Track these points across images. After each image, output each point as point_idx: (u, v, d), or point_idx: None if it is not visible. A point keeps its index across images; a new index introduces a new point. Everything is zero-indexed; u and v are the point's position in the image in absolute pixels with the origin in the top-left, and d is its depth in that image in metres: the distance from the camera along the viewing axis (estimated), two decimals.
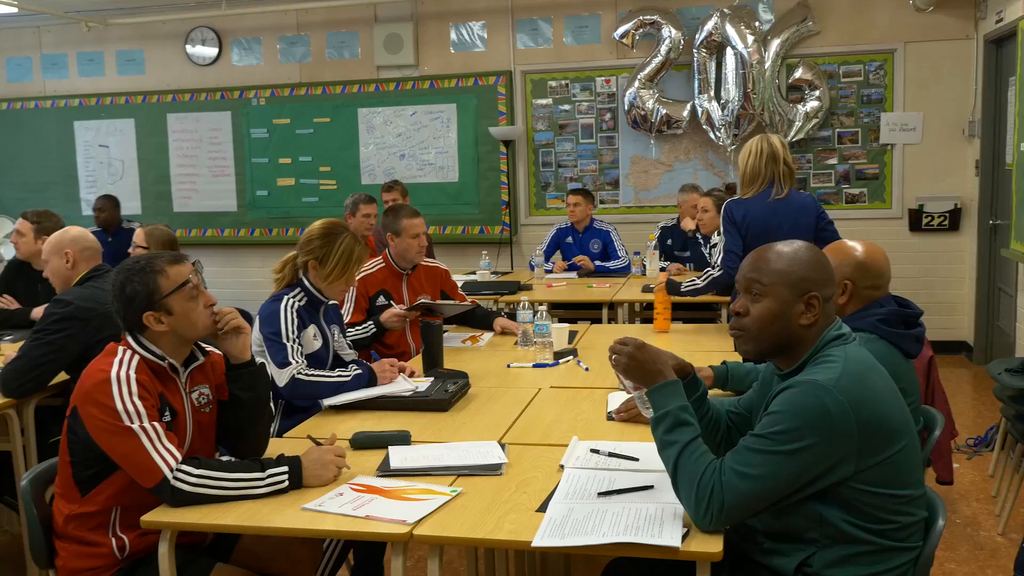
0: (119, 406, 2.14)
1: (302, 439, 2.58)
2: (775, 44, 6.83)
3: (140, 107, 8.28)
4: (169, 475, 2.10)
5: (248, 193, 8.13)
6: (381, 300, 4.02)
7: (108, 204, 7.48)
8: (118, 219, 7.42)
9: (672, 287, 4.15)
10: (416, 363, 3.40)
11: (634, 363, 2.06)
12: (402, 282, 4.10)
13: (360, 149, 7.83)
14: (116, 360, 2.22)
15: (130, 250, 4.49)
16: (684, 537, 1.84)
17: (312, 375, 2.99)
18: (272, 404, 3.12)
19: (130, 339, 2.29)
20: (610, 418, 2.72)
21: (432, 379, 3.12)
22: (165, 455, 2.12)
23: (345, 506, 2.09)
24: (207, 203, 8.25)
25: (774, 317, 1.96)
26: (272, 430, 3.07)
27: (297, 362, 2.99)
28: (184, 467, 2.12)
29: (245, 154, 8.09)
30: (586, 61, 7.39)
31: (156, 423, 2.16)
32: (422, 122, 7.66)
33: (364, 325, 3.86)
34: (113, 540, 2.25)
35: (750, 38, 6.75)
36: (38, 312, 4.46)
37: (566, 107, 7.47)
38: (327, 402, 2.93)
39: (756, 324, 1.98)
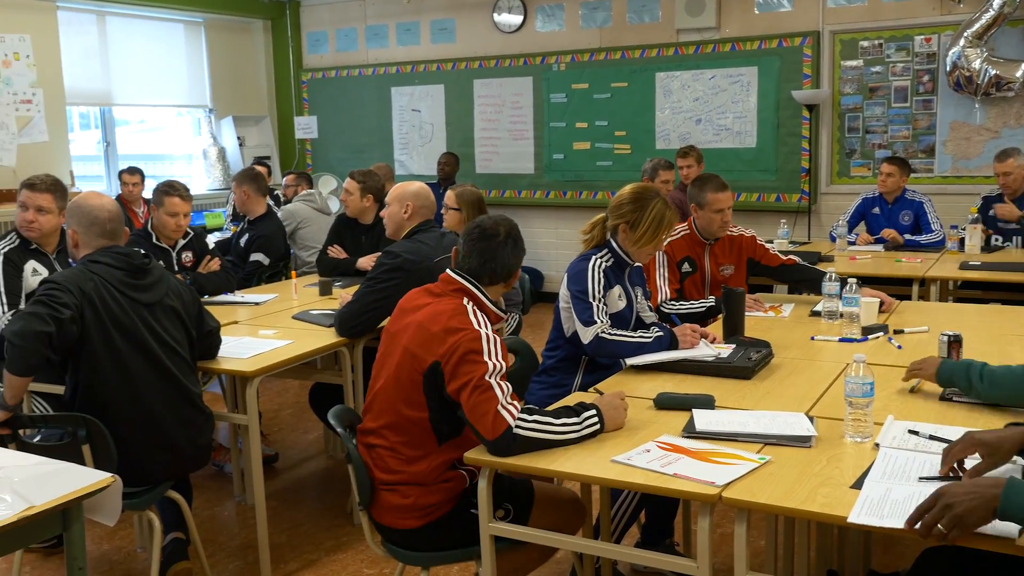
0: (489, 362, 2.30)
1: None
2: None
3: (450, 74, 8.77)
4: (513, 424, 2.23)
5: (545, 156, 8.40)
6: (686, 267, 4.02)
7: (450, 159, 8.18)
8: (454, 176, 8.08)
9: None
10: (715, 329, 3.38)
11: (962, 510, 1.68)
12: (704, 251, 4.08)
13: (656, 113, 7.81)
14: (472, 318, 2.39)
15: (441, 211, 4.80)
16: (1022, 532, 1.71)
17: (615, 334, 3.06)
18: (575, 361, 3.27)
19: (479, 292, 2.50)
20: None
21: (734, 346, 3.09)
22: (510, 407, 2.26)
23: (653, 462, 2.15)
24: (506, 165, 8.62)
25: None
26: (574, 384, 3.22)
27: (602, 321, 3.08)
28: (522, 415, 2.26)
29: (544, 118, 8.35)
30: (904, 18, 6.87)
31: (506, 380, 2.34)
32: (721, 86, 7.50)
33: (702, 301, 3.90)
34: (464, 471, 2.48)
35: None
36: (363, 262, 4.92)
37: (878, 69, 7.01)
38: (629, 361, 3.00)
39: None
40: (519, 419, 2.24)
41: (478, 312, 2.44)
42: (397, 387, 2.44)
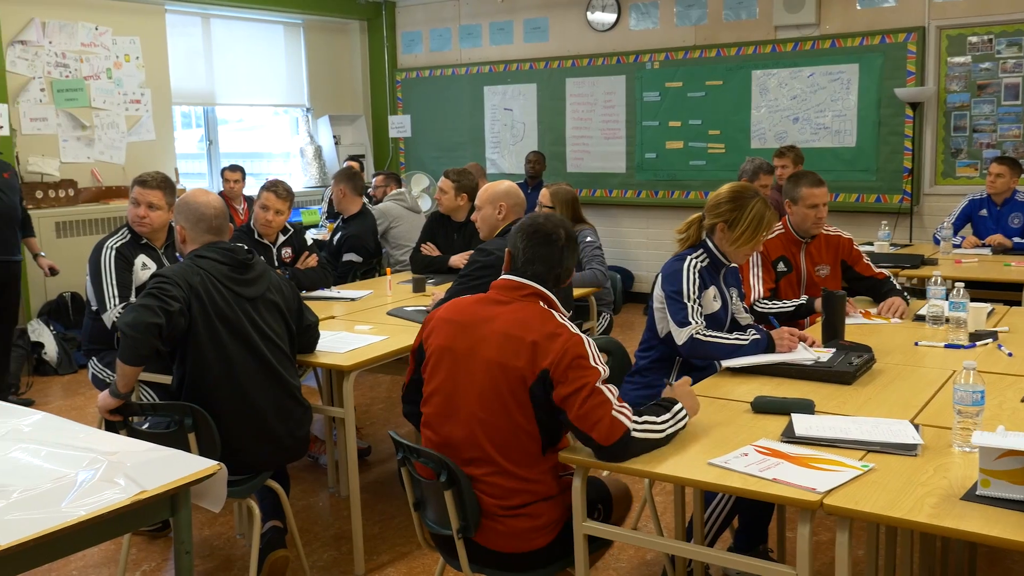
0: (598, 367, 2.26)
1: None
2: None
3: (542, 72, 8.78)
4: (631, 427, 2.20)
5: (637, 155, 8.33)
6: (781, 267, 3.94)
7: (539, 158, 8.24)
8: (541, 174, 8.14)
9: None
10: (814, 332, 3.31)
11: None
12: (800, 250, 3.99)
13: (751, 112, 7.67)
14: (563, 321, 2.32)
15: (536, 209, 4.82)
16: None
17: (710, 336, 3.02)
18: (669, 362, 3.24)
19: (553, 296, 2.41)
20: None
21: (833, 350, 3.02)
22: (623, 411, 2.23)
23: (751, 466, 2.11)
24: (598, 164, 8.58)
25: None
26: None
27: (696, 322, 3.04)
28: (634, 417, 2.24)
29: (636, 117, 8.28)
30: (1016, 12, 6.57)
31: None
32: (819, 84, 7.32)
33: (793, 301, 3.80)
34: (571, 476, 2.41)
35: None
36: (455, 259, 4.98)
37: (987, 65, 6.73)
38: (725, 363, 2.96)
39: None
40: (635, 421, 2.22)
41: (560, 315, 2.37)
42: (496, 406, 2.31)
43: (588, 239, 4.83)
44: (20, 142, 6.87)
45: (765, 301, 3.85)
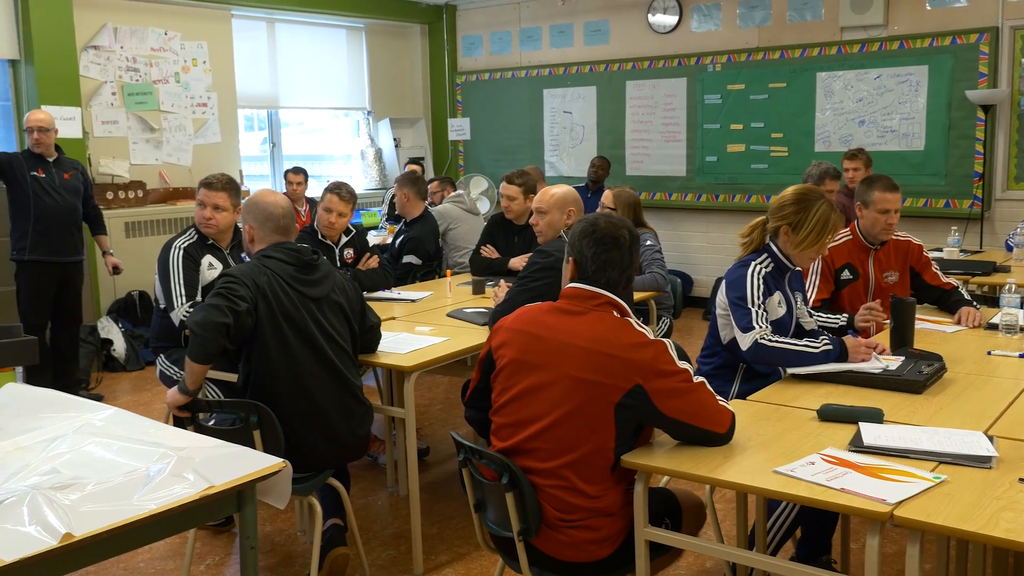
0: (685, 365, 2.30)
1: (760, 403, 2.63)
2: None
3: (602, 75, 8.74)
4: (732, 408, 2.33)
5: (697, 158, 8.25)
6: (846, 274, 3.86)
7: (604, 163, 8.25)
8: (603, 180, 8.14)
9: None
10: (882, 339, 3.24)
11: None
12: (869, 257, 3.90)
13: (816, 115, 7.54)
14: (640, 329, 2.32)
15: (598, 211, 4.80)
16: None
17: (776, 341, 2.96)
18: (732, 369, 3.21)
19: (623, 303, 2.39)
20: None
21: (902, 358, 2.95)
22: (718, 395, 2.33)
23: (818, 475, 2.07)
24: (657, 167, 8.51)
25: None
26: (731, 392, 3.15)
27: (761, 327, 2.99)
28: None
29: (697, 120, 8.20)
30: None
31: None
32: (887, 86, 7.17)
33: (836, 316, 3.71)
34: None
35: None
36: (515, 262, 4.98)
37: None
38: (792, 370, 2.91)
39: None
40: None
41: (629, 317, 2.36)
42: (576, 423, 2.27)
43: (648, 243, 4.80)
44: (92, 144, 7.06)
45: (815, 311, 3.75)
